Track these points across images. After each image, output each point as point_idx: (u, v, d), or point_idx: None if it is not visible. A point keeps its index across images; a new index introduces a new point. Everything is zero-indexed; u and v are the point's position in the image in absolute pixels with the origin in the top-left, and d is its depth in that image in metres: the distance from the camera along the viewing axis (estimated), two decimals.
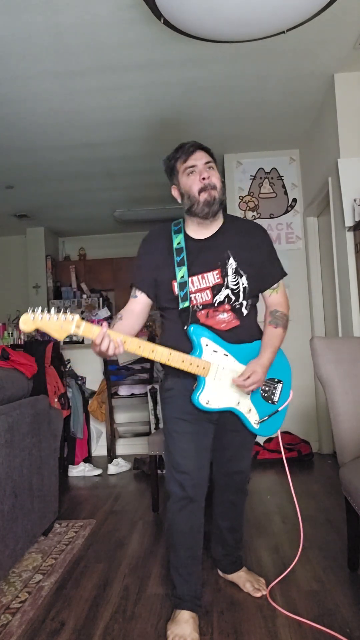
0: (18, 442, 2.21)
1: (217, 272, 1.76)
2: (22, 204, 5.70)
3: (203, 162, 1.75)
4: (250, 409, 1.83)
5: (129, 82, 3.16)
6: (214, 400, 1.75)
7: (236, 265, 1.77)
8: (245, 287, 1.78)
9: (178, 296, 1.75)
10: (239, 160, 4.50)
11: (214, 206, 1.74)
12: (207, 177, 1.73)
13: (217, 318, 1.77)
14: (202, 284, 1.76)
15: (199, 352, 1.72)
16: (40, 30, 2.59)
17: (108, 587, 2.10)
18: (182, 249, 1.78)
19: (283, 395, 1.92)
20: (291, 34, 2.57)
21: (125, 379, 4.24)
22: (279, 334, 1.85)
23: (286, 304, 1.90)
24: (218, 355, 1.75)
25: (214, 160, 1.78)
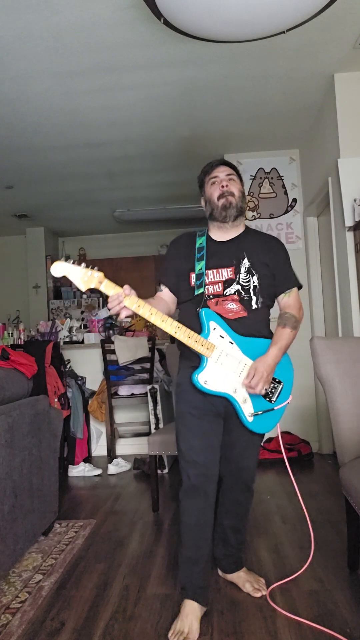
0: (18, 442, 2.21)
1: (231, 269, 1.92)
2: (22, 204, 5.70)
3: (225, 173, 1.97)
4: (245, 400, 1.88)
5: (129, 82, 3.16)
6: (212, 383, 1.82)
7: (249, 265, 1.93)
8: (255, 286, 1.92)
9: (195, 286, 1.92)
10: (239, 160, 4.50)
11: (230, 210, 1.94)
12: (226, 185, 1.95)
13: (225, 307, 1.89)
14: (215, 277, 1.92)
15: (207, 333, 1.83)
16: (40, 30, 2.59)
17: (108, 587, 2.10)
18: (203, 247, 1.97)
19: (282, 396, 1.96)
20: (291, 34, 2.57)
21: (125, 379, 4.24)
22: (286, 334, 1.91)
23: (297, 308, 1.98)
24: (224, 341, 1.84)
25: (237, 174, 2.00)
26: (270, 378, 1.86)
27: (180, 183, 5.15)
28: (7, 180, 4.85)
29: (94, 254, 7.25)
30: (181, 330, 1.78)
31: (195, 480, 1.84)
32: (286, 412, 2.03)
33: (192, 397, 1.87)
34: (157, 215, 6.17)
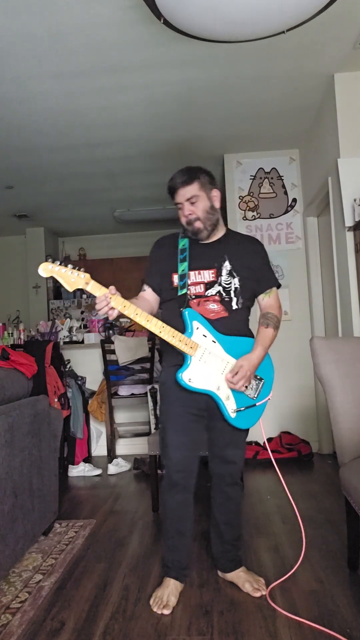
0: (18, 442, 2.21)
1: (212, 271, 1.98)
2: (22, 204, 5.70)
3: (186, 198, 1.96)
4: (228, 397, 1.94)
5: (129, 82, 3.16)
6: (196, 380, 1.89)
7: (230, 268, 1.98)
8: (237, 288, 1.98)
9: (177, 286, 1.97)
10: (239, 160, 4.50)
11: (201, 233, 1.98)
12: (189, 214, 1.96)
13: (207, 307, 1.95)
14: (197, 279, 1.98)
15: (190, 332, 1.89)
16: (40, 31, 2.59)
17: (108, 587, 2.10)
18: (185, 249, 2.02)
19: (263, 392, 2.02)
20: (291, 34, 2.57)
21: (125, 379, 4.24)
22: (269, 333, 2.01)
23: (277, 307, 2.07)
24: (207, 340, 1.91)
25: (200, 185, 1.95)
26: (252, 376, 1.94)
27: None
28: (7, 180, 4.85)
29: (94, 254, 7.25)
30: (166, 329, 1.84)
31: (175, 476, 1.96)
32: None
33: (176, 395, 1.95)
34: (157, 215, 6.16)
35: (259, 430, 2.11)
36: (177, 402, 1.96)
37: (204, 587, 2.06)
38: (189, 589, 2.04)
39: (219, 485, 2.06)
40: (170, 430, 1.98)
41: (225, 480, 2.05)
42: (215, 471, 2.06)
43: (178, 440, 1.96)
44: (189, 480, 1.99)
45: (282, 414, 4.29)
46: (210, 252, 2.00)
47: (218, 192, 2.01)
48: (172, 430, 1.97)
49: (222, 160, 4.55)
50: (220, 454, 2.03)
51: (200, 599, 1.97)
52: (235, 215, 4.48)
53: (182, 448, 1.96)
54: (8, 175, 4.73)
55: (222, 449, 2.02)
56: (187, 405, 1.95)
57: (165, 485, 2.00)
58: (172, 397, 1.97)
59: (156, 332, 1.84)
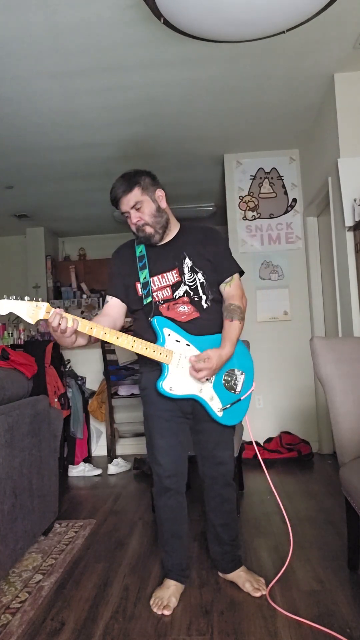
0: (18, 442, 2.21)
1: (175, 271, 1.95)
2: (22, 204, 5.70)
3: (130, 206, 1.93)
4: (212, 397, 1.93)
5: (128, 82, 3.16)
6: (177, 387, 1.88)
7: (192, 264, 1.96)
8: (202, 282, 1.95)
9: (142, 295, 1.95)
10: (239, 160, 4.50)
11: (153, 238, 1.95)
12: (137, 220, 1.93)
13: (177, 310, 1.93)
14: (162, 283, 1.95)
15: (162, 340, 1.87)
16: (39, 30, 2.59)
17: (108, 587, 2.10)
18: (143, 255, 1.99)
19: (245, 385, 2.01)
20: (291, 34, 2.57)
21: (125, 379, 4.24)
22: (235, 327, 1.94)
23: (239, 297, 2.00)
24: (180, 345, 1.89)
25: (142, 189, 1.93)
26: (217, 370, 1.90)
27: (180, 183, 5.15)
28: (7, 180, 4.85)
29: (94, 254, 7.25)
30: (137, 343, 1.83)
31: (165, 481, 1.95)
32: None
33: (158, 400, 1.93)
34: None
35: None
36: (161, 406, 1.93)
37: (204, 587, 2.06)
38: (189, 589, 2.03)
39: (213, 488, 2.04)
40: (156, 435, 1.96)
41: (218, 482, 2.03)
42: (208, 474, 2.04)
43: (165, 443, 1.95)
44: (180, 483, 1.98)
45: (282, 414, 4.29)
46: (168, 253, 1.97)
47: (162, 192, 1.98)
48: (158, 434, 1.95)
49: (222, 160, 4.55)
50: (210, 456, 2.01)
51: (200, 599, 1.97)
52: (235, 215, 4.48)
53: (170, 451, 1.95)
54: (8, 175, 4.73)
55: (212, 450, 2.00)
56: (171, 408, 1.93)
57: (157, 490, 2.00)
58: (156, 401, 1.94)
59: (128, 347, 1.81)
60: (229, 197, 4.51)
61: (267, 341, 4.35)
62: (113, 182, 2.03)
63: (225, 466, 2.04)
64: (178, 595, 1.96)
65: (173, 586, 1.98)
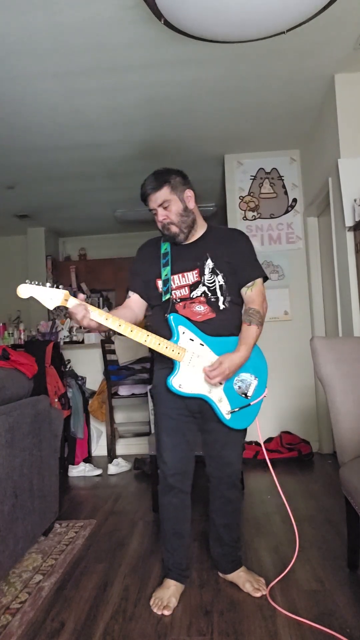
0: (18, 442, 2.21)
1: (195, 271, 1.95)
2: (23, 204, 5.70)
3: (158, 204, 1.94)
4: (221, 399, 1.92)
5: (129, 82, 3.16)
6: (186, 385, 1.88)
7: (213, 266, 1.95)
8: (221, 285, 1.95)
9: (162, 292, 1.96)
10: (240, 160, 4.50)
11: (178, 237, 1.96)
12: (163, 219, 1.94)
13: (193, 309, 1.93)
14: (182, 282, 1.96)
15: (176, 338, 1.88)
16: (40, 30, 2.59)
17: (108, 587, 2.10)
18: (167, 253, 2.01)
19: (257, 391, 1.98)
20: (291, 34, 2.57)
21: (125, 379, 4.24)
22: (252, 331, 1.93)
23: (260, 302, 1.98)
24: (194, 344, 1.89)
25: (171, 188, 1.93)
26: (231, 375, 1.89)
27: None
28: (8, 180, 4.85)
29: (94, 254, 7.25)
30: (150, 338, 1.84)
31: (170, 479, 1.96)
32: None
33: (167, 398, 1.94)
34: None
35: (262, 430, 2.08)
36: (170, 404, 1.95)
37: (204, 587, 2.06)
38: (189, 589, 2.04)
39: (218, 489, 2.04)
40: (163, 433, 1.98)
41: (224, 483, 2.03)
42: (214, 474, 2.03)
43: (172, 442, 1.96)
44: (184, 482, 1.98)
45: (282, 413, 4.29)
46: (191, 253, 1.97)
47: (191, 192, 1.97)
48: (165, 432, 1.97)
49: (223, 160, 4.55)
50: (217, 456, 2.01)
51: (200, 599, 1.97)
52: (236, 215, 4.48)
53: (176, 450, 1.96)
54: (9, 175, 4.73)
55: (219, 450, 2.00)
56: (179, 407, 1.94)
57: (162, 488, 2.00)
58: (165, 400, 1.96)
59: (142, 341, 1.83)
60: (230, 197, 4.51)
61: (267, 341, 4.30)
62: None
63: (231, 467, 2.02)
64: (178, 596, 1.96)
65: (173, 586, 1.98)
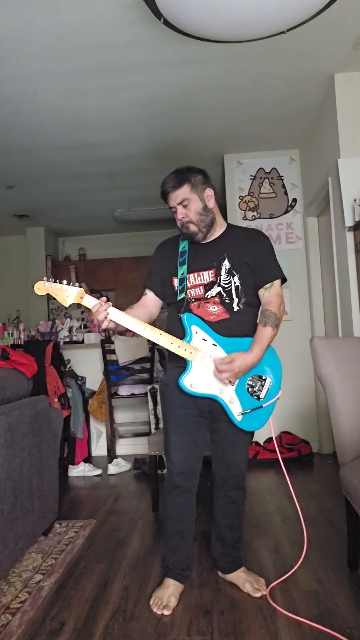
0: (18, 442, 2.21)
1: (212, 271, 1.95)
2: (22, 204, 5.70)
3: (177, 202, 1.94)
4: (232, 400, 1.91)
5: (129, 82, 3.16)
6: (198, 385, 1.88)
7: (230, 266, 1.95)
8: (237, 286, 1.94)
9: (177, 290, 1.97)
10: (239, 160, 4.50)
11: (196, 236, 1.96)
12: (182, 217, 1.94)
13: (207, 309, 1.93)
14: (197, 281, 1.95)
15: (189, 338, 1.88)
16: (40, 30, 2.59)
17: (108, 587, 2.10)
18: (185, 252, 2.00)
19: (270, 393, 1.97)
20: (291, 34, 2.57)
21: (125, 379, 4.24)
22: (267, 333, 1.91)
23: (277, 304, 1.96)
24: (207, 344, 1.89)
25: (191, 186, 1.92)
26: (241, 375, 1.88)
27: None
28: (8, 180, 4.85)
29: (94, 254, 7.25)
30: (163, 336, 1.85)
31: (176, 478, 1.95)
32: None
33: (177, 397, 1.93)
34: (157, 215, 6.16)
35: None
36: (179, 403, 1.94)
37: (204, 587, 2.06)
38: (189, 589, 2.03)
39: (222, 488, 2.04)
40: (171, 432, 1.97)
41: (229, 484, 2.02)
42: (219, 474, 2.03)
43: (179, 441, 1.95)
44: (190, 482, 1.97)
45: (282, 414, 4.29)
46: (208, 252, 1.97)
47: (212, 191, 1.96)
48: (174, 431, 1.96)
49: (222, 160, 4.55)
50: (223, 456, 2.00)
51: (200, 599, 1.97)
52: (236, 215, 4.48)
53: (183, 449, 1.95)
54: (8, 175, 4.73)
55: (226, 450, 1.99)
56: (189, 406, 1.93)
57: (167, 486, 2.00)
58: (174, 398, 1.95)
59: (154, 339, 1.85)
60: (229, 197, 4.51)
61: None
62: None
63: (237, 468, 2.01)
64: (177, 595, 1.96)
65: (172, 586, 1.98)
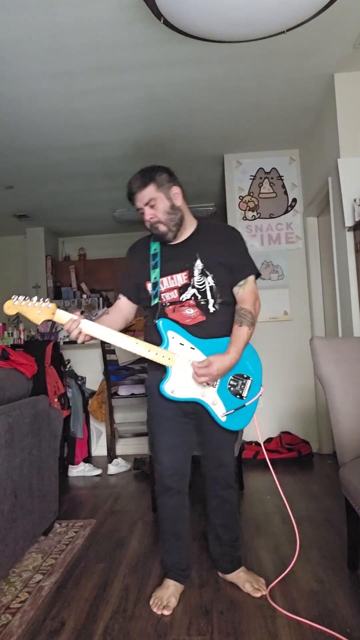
0: (18, 442, 2.21)
1: (185, 273, 1.91)
2: (22, 204, 5.70)
3: (144, 202, 1.90)
4: (215, 402, 1.91)
5: (128, 82, 3.16)
6: (179, 390, 1.87)
7: (202, 267, 1.91)
8: (212, 286, 1.91)
9: (151, 295, 1.94)
10: (239, 160, 4.50)
11: (166, 236, 1.92)
12: (150, 218, 1.91)
13: (183, 313, 1.90)
14: (170, 284, 1.92)
15: (166, 344, 1.86)
16: (39, 31, 2.59)
17: (108, 587, 2.10)
18: (157, 254, 1.96)
19: (252, 391, 1.96)
20: (291, 34, 2.57)
21: (125, 379, 4.24)
22: (243, 332, 1.90)
23: (252, 301, 1.95)
24: (184, 348, 1.87)
25: (157, 185, 1.89)
26: (220, 378, 1.88)
27: None
28: (7, 180, 4.85)
29: (94, 254, 7.25)
30: (140, 345, 1.83)
31: (167, 480, 1.95)
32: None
33: (160, 399, 1.91)
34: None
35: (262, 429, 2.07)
36: (164, 405, 1.93)
37: (204, 587, 2.06)
38: (189, 589, 2.03)
39: (214, 489, 2.04)
40: (158, 434, 1.97)
41: (219, 484, 2.03)
42: (210, 474, 2.04)
43: (167, 443, 1.95)
44: (181, 482, 1.98)
45: (282, 414, 4.29)
46: (180, 254, 1.93)
47: (179, 189, 1.92)
48: (161, 433, 1.96)
49: (222, 160, 4.55)
50: (212, 457, 2.01)
51: (200, 599, 1.97)
52: (235, 215, 4.48)
53: (171, 451, 1.95)
54: (8, 175, 4.73)
55: (215, 451, 2.01)
56: (174, 408, 1.93)
57: (159, 489, 2.00)
58: (159, 400, 1.93)
59: (130, 348, 1.82)
60: (229, 197, 4.51)
61: (267, 341, 4.34)
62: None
63: (226, 468, 2.03)
64: (178, 595, 1.96)
65: (172, 586, 1.98)
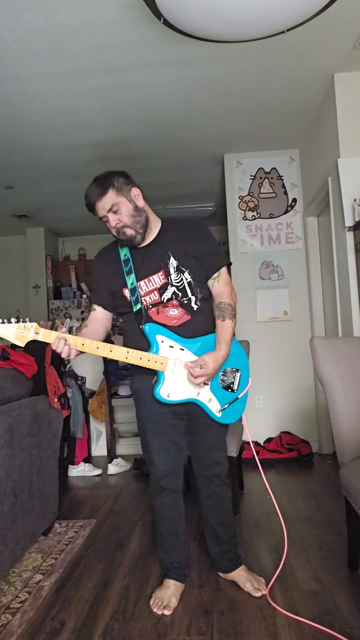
0: (18, 442, 2.21)
1: (161, 273, 1.91)
2: (22, 204, 5.70)
3: (107, 210, 1.89)
4: (210, 399, 1.93)
5: (128, 82, 3.16)
6: (174, 393, 1.88)
7: (177, 264, 1.91)
8: (190, 282, 1.91)
9: (131, 301, 1.91)
10: (239, 160, 4.50)
11: (135, 239, 1.91)
12: (115, 224, 1.90)
13: (167, 314, 1.89)
14: (149, 287, 1.91)
15: (156, 348, 1.86)
16: (40, 30, 2.59)
17: (108, 587, 2.10)
18: (128, 259, 1.95)
19: (242, 383, 2.00)
20: (291, 34, 2.57)
21: (125, 379, 4.24)
22: (227, 326, 1.92)
23: (229, 293, 1.96)
24: (174, 350, 1.87)
25: (115, 188, 1.90)
26: (215, 374, 1.90)
27: (180, 183, 5.15)
28: (7, 180, 4.85)
29: (94, 254, 7.16)
30: (131, 353, 1.81)
31: (162, 481, 1.96)
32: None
33: (150, 402, 1.92)
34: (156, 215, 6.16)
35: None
36: (154, 408, 1.93)
37: (204, 587, 2.06)
38: (189, 589, 2.04)
39: (208, 487, 2.04)
40: (150, 436, 1.97)
41: (214, 482, 2.03)
42: (203, 474, 2.04)
43: (160, 444, 1.95)
44: (176, 482, 1.98)
45: (282, 414, 4.29)
46: (152, 254, 1.92)
47: (138, 190, 1.92)
48: (152, 436, 1.96)
49: (222, 160, 4.55)
50: (205, 456, 2.02)
51: (200, 599, 1.97)
52: (235, 215, 4.48)
53: (164, 453, 1.95)
54: (8, 175, 4.73)
55: (207, 450, 2.01)
56: (164, 411, 1.93)
57: (154, 490, 2.00)
58: (148, 403, 1.94)
59: (122, 359, 1.80)
60: (229, 197, 4.51)
61: (267, 341, 4.35)
62: None
63: (220, 466, 2.04)
64: (178, 595, 1.96)
65: (173, 586, 1.98)
